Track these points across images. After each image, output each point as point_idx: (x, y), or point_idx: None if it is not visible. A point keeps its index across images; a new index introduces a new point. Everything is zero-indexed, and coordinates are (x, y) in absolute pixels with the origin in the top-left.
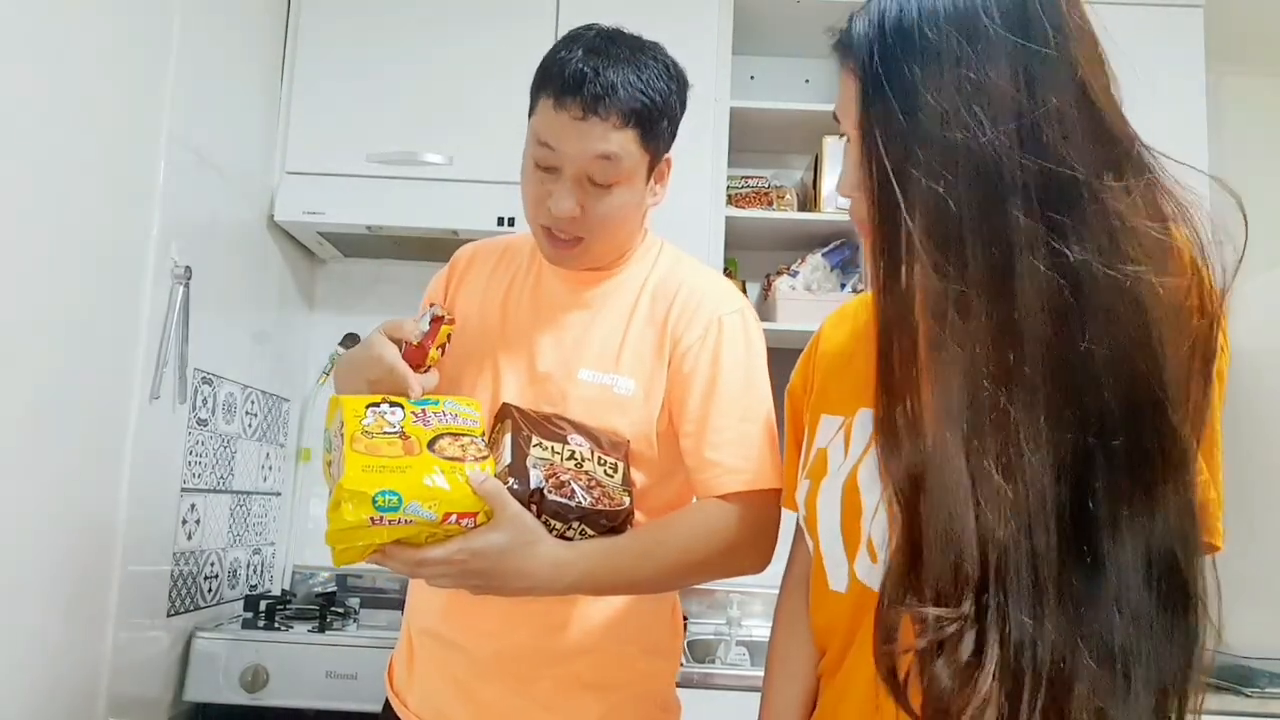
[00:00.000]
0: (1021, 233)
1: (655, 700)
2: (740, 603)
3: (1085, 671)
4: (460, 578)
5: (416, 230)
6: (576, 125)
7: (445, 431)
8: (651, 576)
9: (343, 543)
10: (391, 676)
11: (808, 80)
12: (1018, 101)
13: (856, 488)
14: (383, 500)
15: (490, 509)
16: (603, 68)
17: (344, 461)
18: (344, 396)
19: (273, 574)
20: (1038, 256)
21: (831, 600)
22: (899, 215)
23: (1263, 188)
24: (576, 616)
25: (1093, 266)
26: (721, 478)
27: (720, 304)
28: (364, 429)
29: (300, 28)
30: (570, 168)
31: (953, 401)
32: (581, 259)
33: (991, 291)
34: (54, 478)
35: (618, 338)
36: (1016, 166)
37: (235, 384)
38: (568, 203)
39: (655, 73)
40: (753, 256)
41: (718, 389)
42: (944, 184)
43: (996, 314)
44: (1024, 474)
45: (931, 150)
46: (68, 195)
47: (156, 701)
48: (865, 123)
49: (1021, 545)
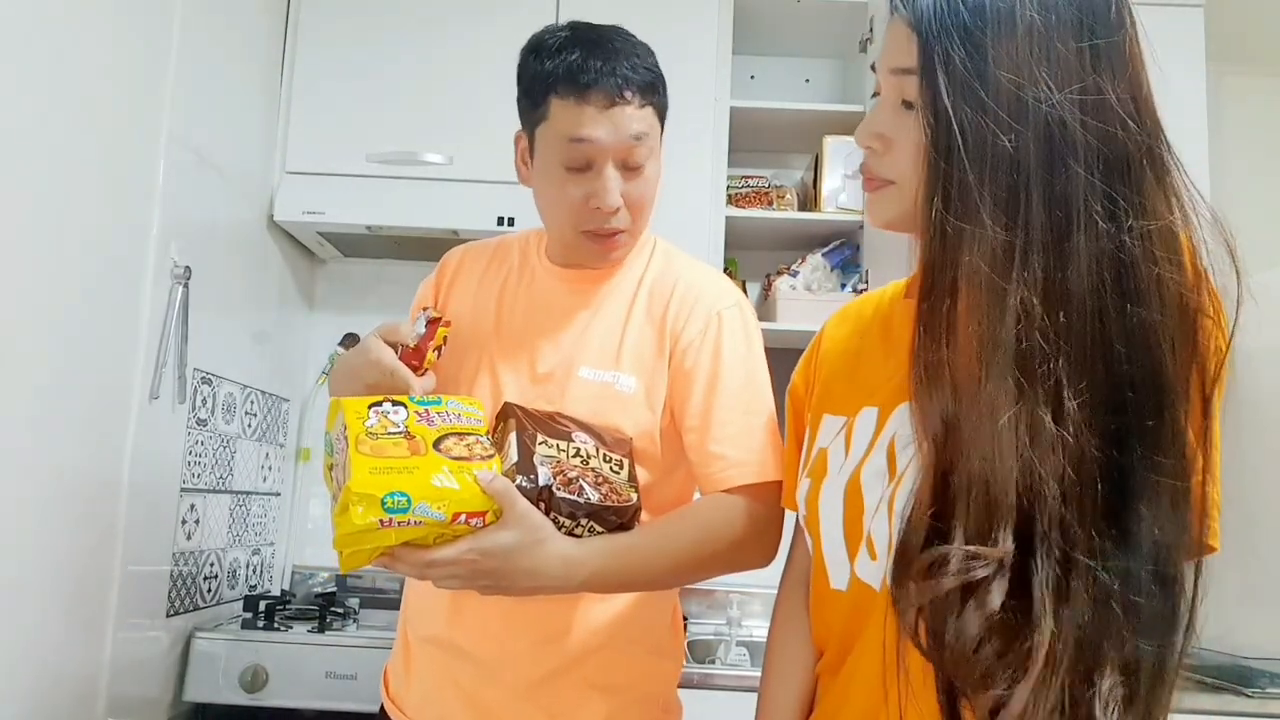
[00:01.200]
0: (1082, 197)
1: (658, 701)
2: (740, 603)
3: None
4: (469, 578)
5: (416, 230)
6: (607, 114)
7: (450, 431)
8: (663, 572)
9: (351, 546)
10: (387, 684)
11: (808, 80)
12: (1082, 72)
13: (859, 488)
14: (392, 502)
15: (499, 508)
16: (606, 57)
17: (350, 464)
18: (344, 398)
19: (272, 574)
20: (1095, 222)
21: (831, 599)
22: (961, 159)
23: (1263, 188)
24: (581, 618)
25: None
26: (727, 471)
27: (718, 299)
28: (368, 430)
29: (300, 28)
30: (602, 159)
31: (1007, 348)
32: (624, 250)
33: (1051, 249)
34: (54, 477)
35: (617, 335)
36: (1079, 132)
37: (235, 384)
38: (614, 195)
39: (640, 49)
40: (753, 256)
41: (720, 384)
42: (1013, 137)
43: (1054, 271)
44: (1069, 428)
45: (1000, 102)
46: (68, 195)
47: (156, 702)
48: (927, 63)
49: (1059, 498)
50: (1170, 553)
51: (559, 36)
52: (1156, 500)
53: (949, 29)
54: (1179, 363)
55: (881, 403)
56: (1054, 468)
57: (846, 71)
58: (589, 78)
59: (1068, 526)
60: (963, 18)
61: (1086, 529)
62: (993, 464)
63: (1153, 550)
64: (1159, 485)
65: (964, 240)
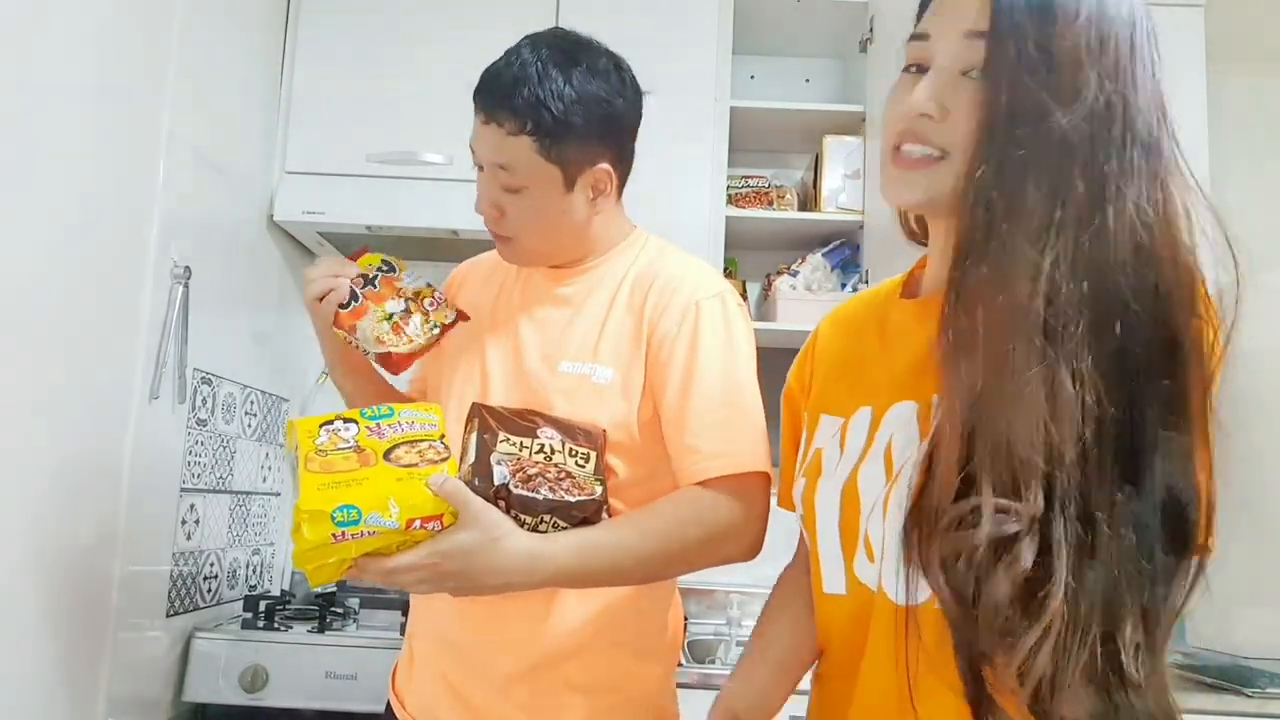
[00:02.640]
0: (1116, 178)
1: (648, 705)
2: (740, 603)
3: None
4: (435, 581)
5: (416, 230)
6: (481, 128)
7: (401, 441)
8: (633, 566)
9: (312, 563)
10: (395, 678)
11: (808, 80)
12: (1131, 63)
13: (856, 488)
14: (341, 515)
15: (454, 509)
16: (512, 73)
17: (299, 482)
18: (299, 420)
19: (272, 574)
20: (1124, 200)
21: (830, 605)
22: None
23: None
24: (561, 618)
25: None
26: (700, 464)
27: (697, 289)
28: (318, 448)
29: (300, 28)
30: (485, 168)
31: (1036, 313)
32: (523, 256)
33: (1085, 223)
34: (54, 477)
35: (597, 328)
36: (1123, 120)
37: (235, 384)
38: (481, 202)
39: (577, 83)
40: (753, 256)
41: (695, 375)
42: (1069, 116)
43: (1084, 244)
44: (1090, 392)
45: (1063, 80)
46: (68, 195)
47: (156, 702)
48: (1000, 27)
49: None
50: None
51: (532, 37)
52: (1169, 456)
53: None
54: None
55: (877, 402)
56: (1074, 427)
57: (846, 71)
58: (482, 87)
59: (1087, 484)
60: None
61: (1106, 486)
62: (1019, 424)
63: (1167, 502)
64: (1171, 441)
65: (1006, 211)
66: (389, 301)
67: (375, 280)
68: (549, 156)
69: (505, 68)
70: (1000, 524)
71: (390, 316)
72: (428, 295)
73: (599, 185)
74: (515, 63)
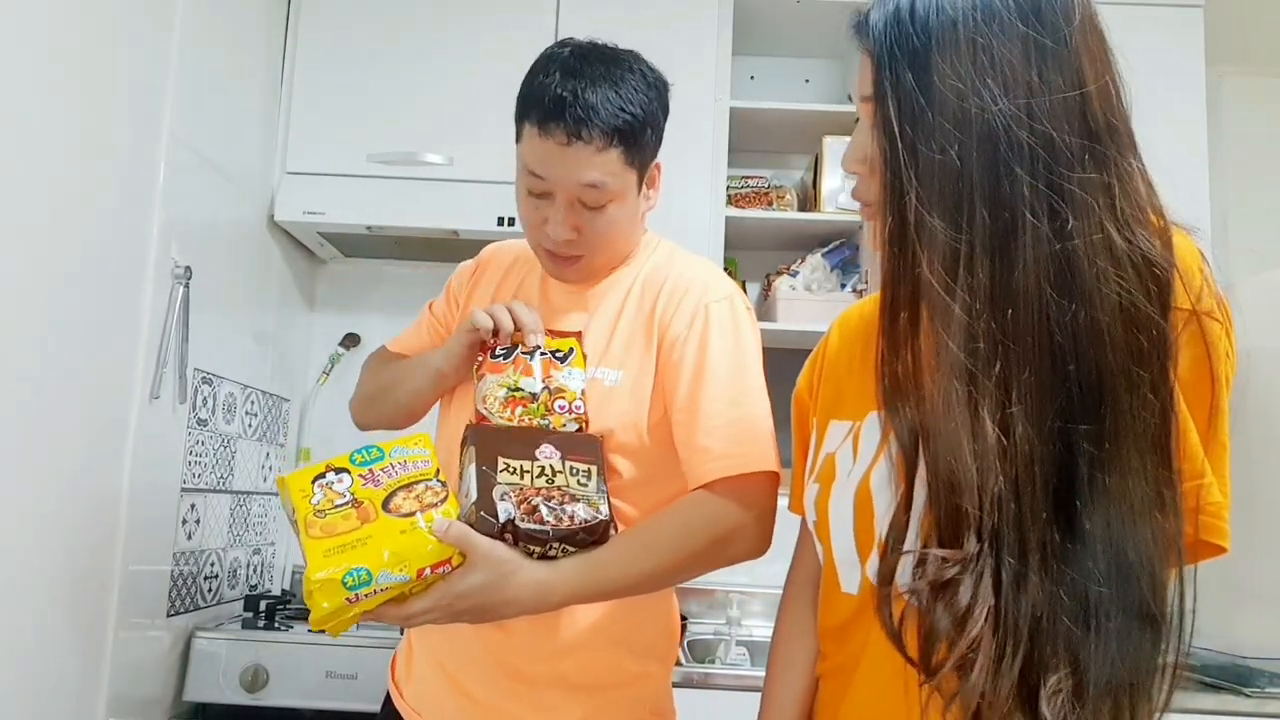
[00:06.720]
0: (1025, 201)
1: (647, 704)
2: (740, 603)
3: (1062, 630)
4: (451, 618)
5: (417, 230)
6: (562, 151)
7: (398, 486)
8: (646, 578)
9: (331, 622)
10: (394, 669)
11: (808, 80)
12: (1028, 80)
13: (869, 492)
14: (352, 580)
15: (461, 551)
16: (581, 90)
17: (304, 550)
18: (289, 475)
19: (273, 574)
20: (1040, 224)
21: (843, 602)
22: (910, 177)
23: (1263, 188)
24: (567, 617)
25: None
26: (709, 464)
27: (707, 292)
28: (315, 509)
29: (300, 28)
30: (562, 194)
31: (955, 355)
32: (583, 273)
33: (995, 253)
34: (54, 477)
35: (608, 331)
36: (1024, 137)
37: (235, 384)
38: (563, 230)
39: (633, 85)
40: (753, 256)
41: (705, 377)
42: (957, 148)
43: (998, 274)
44: (1016, 430)
45: (946, 117)
46: (68, 195)
47: (156, 701)
48: (879, 89)
49: (1012, 499)
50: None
51: (559, 56)
52: (1107, 498)
53: (898, 53)
54: (1119, 362)
55: None
56: (1005, 469)
57: (846, 71)
58: (554, 111)
59: (1022, 525)
60: (911, 40)
61: (1039, 527)
62: (953, 468)
63: (1107, 547)
64: (1108, 484)
65: (917, 254)
66: (526, 379)
67: (534, 354)
68: (631, 162)
69: (569, 83)
70: (940, 570)
71: (514, 389)
72: (558, 420)
73: (653, 180)
74: (580, 80)
